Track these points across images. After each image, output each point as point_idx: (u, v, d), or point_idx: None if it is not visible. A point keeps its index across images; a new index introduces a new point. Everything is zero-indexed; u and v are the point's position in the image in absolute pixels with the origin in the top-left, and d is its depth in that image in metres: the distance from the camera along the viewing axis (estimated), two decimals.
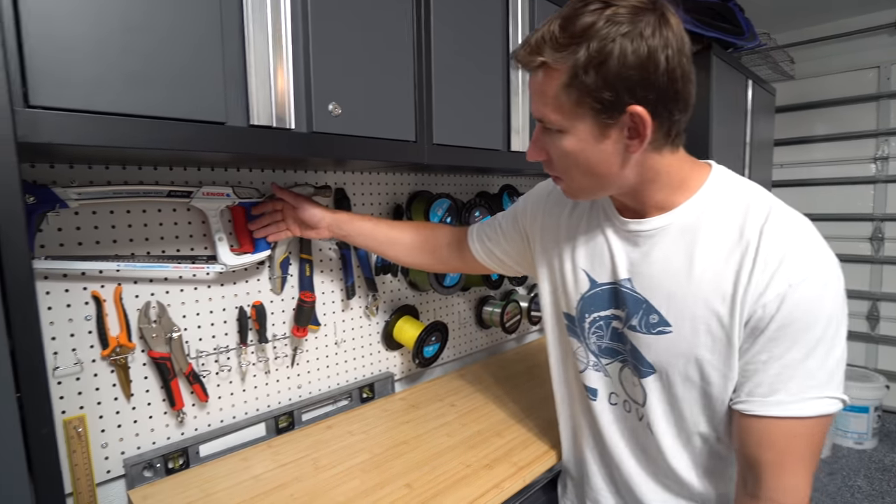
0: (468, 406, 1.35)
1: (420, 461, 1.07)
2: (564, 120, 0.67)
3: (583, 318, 0.86)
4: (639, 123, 0.63)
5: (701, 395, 0.75)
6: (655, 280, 0.75)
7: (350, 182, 1.38)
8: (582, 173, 0.71)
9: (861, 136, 3.28)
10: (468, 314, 1.76)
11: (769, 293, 0.65)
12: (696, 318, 0.71)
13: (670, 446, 0.80)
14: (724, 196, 0.72)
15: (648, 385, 0.79)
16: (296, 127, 0.88)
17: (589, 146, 0.67)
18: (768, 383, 0.67)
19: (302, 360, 1.31)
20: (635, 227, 0.77)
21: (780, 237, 0.66)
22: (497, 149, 1.28)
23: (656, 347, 0.75)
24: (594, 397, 0.89)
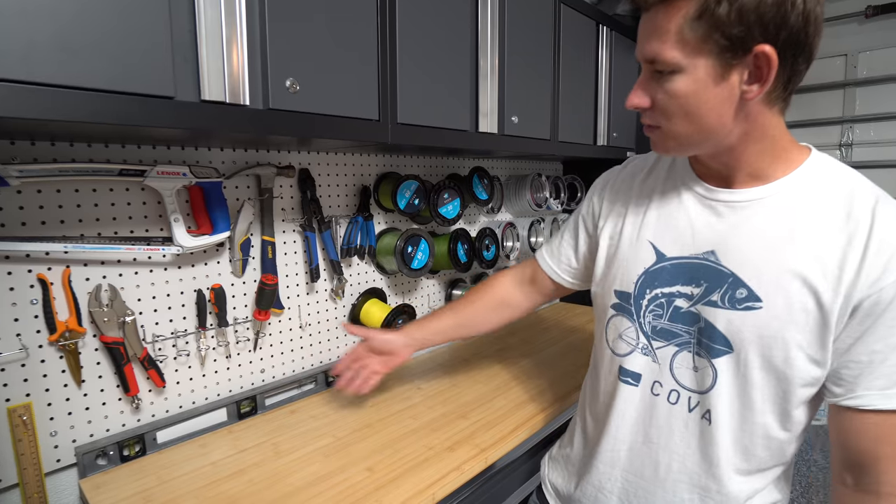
0: (435, 388, 1.35)
1: (383, 444, 1.06)
2: (684, 57, 0.61)
3: (642, 294, 0.78)
4: (763, 66, 0.59)
5: (778, 382, 0.68)
6: (746, 253, 0.68)
7: (315, 163, 1.35)
8: (687, 120, 0.65)
9: (827, 122, 3.35)
10: (438, 296, 1.75)
11: (886, 278, 0.60)
12: (792, 295, 0.65)
13: (726, 441, 0.72)
14: (827, 175, 0.67)
15: (720, 366, 0.71)
16: (251, 103, 0.85)
17: (705, 88, 0.62)
18: (887, 374, 0.62)
19: (265, 344, 1.29)
20: (727, 196, 0.71)
21: (894, 220, 0.62)
22: (465, 129, 1.26)
23: (740, 324, 0.68)
24: (636, 383, 0.80)
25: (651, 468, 0.79)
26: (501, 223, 1.84)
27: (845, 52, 3.32)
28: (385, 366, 1.13)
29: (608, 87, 1.84)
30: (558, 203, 2.09)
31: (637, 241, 0.79)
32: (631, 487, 0.82)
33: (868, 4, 3.08)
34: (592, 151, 1.82)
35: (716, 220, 0.72)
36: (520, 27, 1.38)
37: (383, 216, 1.53)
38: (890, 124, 3.18)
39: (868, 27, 3.18)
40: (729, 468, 0.73)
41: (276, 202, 1.27)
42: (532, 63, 1.46)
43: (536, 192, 1.96)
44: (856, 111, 3.32)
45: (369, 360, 1.13)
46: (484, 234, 1.69)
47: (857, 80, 3.29)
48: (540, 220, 1.99)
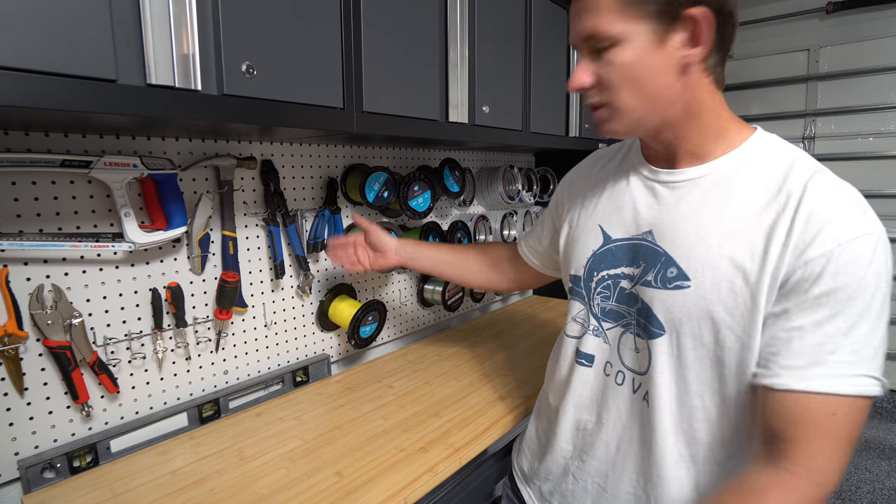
0: (407, 386, 1.31)
1: (353, 447, 1.02)
2: (622, 25, 0.62)
3: (590, 277, 0.79)
4: (702, 26, 0.60)
5: (713, 363, 0.67)
6: (679, 232, 0.68)
7: (278, 153, 1.29)
8: (633, 90, 0.64)
9: (791, 116, 3.42)
10: (410, 292, 1.71)
11: (813, 250, 0.58)
12: (719, 272, 0.64)
13: (664, 423, 0.71)
14: (767, 153, 0.67)
15: (656, 348, 0.70)
16: (203, 88, 0.79)
17: (647, 55, 0.62)
18: (808, 354, 0.58)
19: (228, 344, 1.23)
20: (667, 177, 0.72)
21: (827, 192, 0.60)
22: (434, 119, 1.22)
23: (671, 303, 0.68)
24: (590, 364, 0.81)
25: (603, 448, 0.80)
26: (474, 216, 1.81)
27: (807, 47, 3.39)
28: (372, 261, 1.16)
29: None
30: (531, 195, 2.07)
31: (588, 226, 0.81)
32: (587, 467, 0.83)
33: (828, 0, 3.14)
34: (564, 143, 1.80)
35: (654, 200, 0.73)
36: (490, 15, 1.35)
37: (352, 209, 1.48)
38: (849, 118, 3.27)
39: (829, 22, 3.25)
40: (670, 453, 0.72)
41: (238, 195, 1.21)
42: (503, 52, 1.43)
43: (509, 185, 1.94)
44: (818, 105, 3.40)
45: (360, 249, 1.17)
46: (456, 227, 1.66)
47: (818, 75, 3.36)
48: (513, 213, 1.96)
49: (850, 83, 3.25)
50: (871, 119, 3.20)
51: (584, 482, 0.83)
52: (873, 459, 2.54)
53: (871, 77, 3.17)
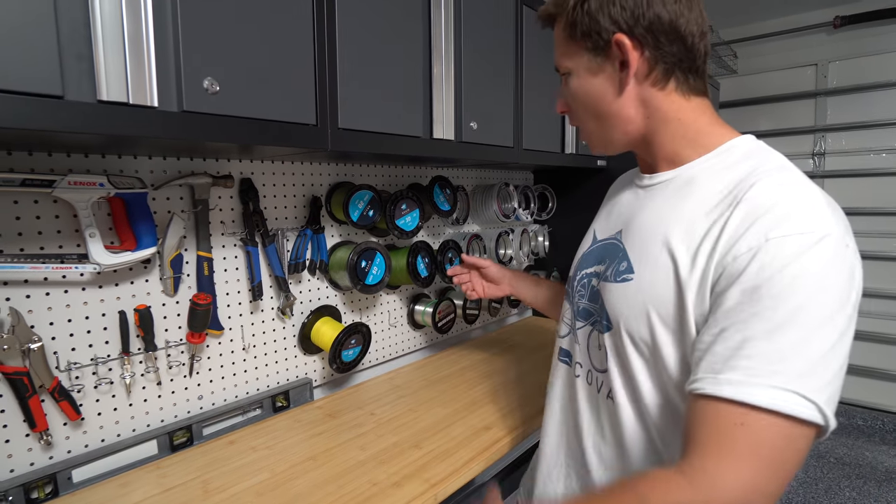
0: (390, 414, 1.26)
1: (324, 480, 0.97)
2: (568, 60, 0.72)
3: (574, 277, 0.83)
4: (625, 53, 0.66)
5: (651, 361, 0.66)
6: (639, 229, 0.71)
7: (259, 171, 1.25)
8: (588, 115, 0.74)
9: (800, 132, 3.35)
10: (399, 313, 1.66)
11: (741, 245, 0.55)
12: (658, 267, 0.64)
13: (629, 420, 0.70)
14: (740, 156, 0.66)
15: (606, 342, 0.72)
16: (161, 105, 0.76)
17: (588, 81, 0.70)
18: (724, 358, 0.54)
19: (203, 368, 1.18)
20: (646, 181, 0.75)
21: (774, 189, 0.58)
22: (417, 136, 1.18)
23: (617, 296, 0.69)
24: (569, 362, 0.83)
25: (580, 453, 0.78)
26: (467, 235, 1.76)
27: (815, 62, 3.34)
28: (485, 290, 1.27)
29: None
30: (528, 213, 2.02)
31: (588, 232, 0.87)
32: (570, 470, 0.82)
33: (836, 15, 3.09)
34: (560, 160, 1.76)
35: (633, 201, 0.77)
36: (477, 28, 1.31)
37: (337, 229, 1.44)
38: (860, 133, 3.19)
39: (837, 37, 3.19)
40: (642, 453, 0.69)
41: (215, 214, 1.17)
42: (492, 66, 1.40)
43: (504, 203, 1.89)
44: (827, 120, 3.33)
45: (475, 278, 1.28)
46: (447, 246, 1.61)
47: (827, 90, 3.30)
48: (508, 232, 1.91)
49: (860, 98, 3.18)
50: (881, 135, 3.12)
51: (571, 486, 0.81)
52: (895, 491, 2.42)
53: (881, 92, 3.10)
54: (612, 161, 2.02)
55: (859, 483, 2.49)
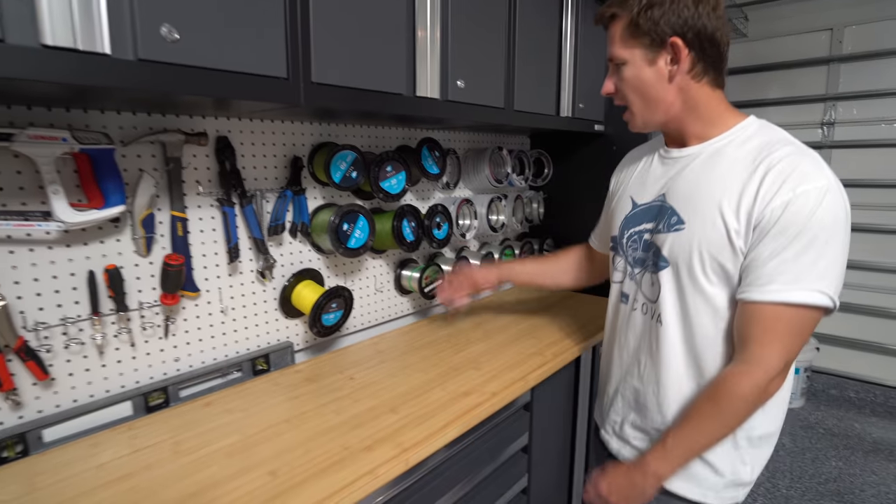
0: (369, 378, 1.24)
1: (295, 443, 0.96)
2: (626, 52, 0.88)
3: (622, 234, 1.03)
4: (678, 52, 0.84)
5: (702, 288, 0.86)
6: (681, 190, 0.90)
7: (236, 129, 1.21)
8: (638, 97, 0.91)
9: (810, 100, 3.24)
10: (386, 278, 1.63)
11: (776, 200, 0.77)
12: (706, 216, 0.85)
13: (674, 338, 0.91)
14: (753, 132, 0.88)
15: (663, 278, 0.91)
16: (114, 52, 0.71)
17: (642, 71, 0.88)
18: (767, 275, 0.79)
19: (180, 330, 1.17)
20: (676, 153, 0.95)
21: (789, 157, 0.80)
22: (399, 93, 1.13)
23: (671, 242, 0.89)
24: (626, 302, 1.03)
25: (636, 367, 1.00)
26: (457, 200, 1.72)
27: (830, 27, 3.20)
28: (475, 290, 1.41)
29: (573, 53, 1.71)
30: (522, 179, 1.97)
31: (622, 198, 1.05)
32: (627, 387, 1.02)
33: None
34: (555, 123, 1.70)
35: (668, 171, 0.96)
36: None
37: (320, 191, 1.40)
38: (872, 102, 3.09)
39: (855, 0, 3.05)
40: (678, 363, 0.92)
41: (189, 173, 1.14)
42: (482, 20, 1.33)
43: (496, 167, 1.84)
44: (839, 88, 3.22)
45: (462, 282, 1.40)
46: (435, 210, 1.57)
47: (841, 56, 3.17)
48: (501, 198, 1.87)
49: (875, 65, 3.06)
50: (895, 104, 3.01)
51: (627, 398, 1.03)
52: (881, 462, 2.43)
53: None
54: (609, 126, 1.96)
55: (847, 453, 2.51)
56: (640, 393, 0.98)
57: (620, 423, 1.05)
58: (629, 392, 1.02)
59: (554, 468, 1.54)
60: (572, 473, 1.63)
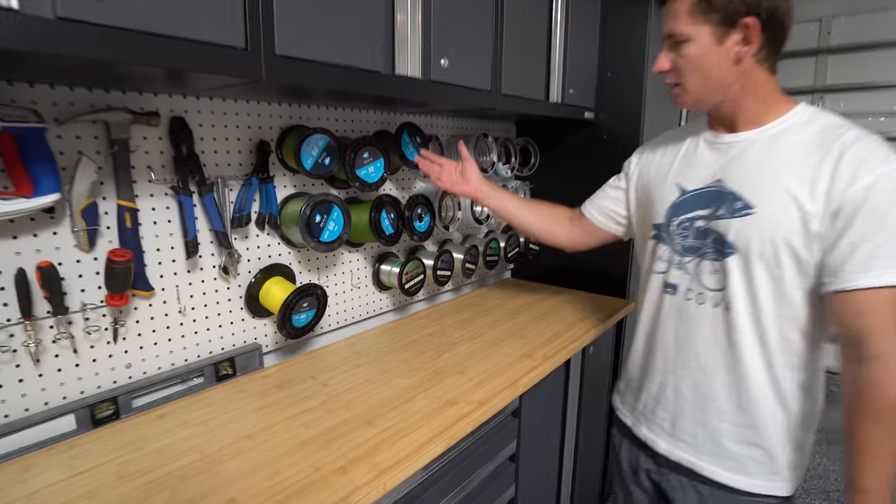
0: (344, 385, 1.14)
1: (259, 463, 0.85)
2: (692, 28, 0.83)
3: (670, 222, 0.98)
4: (751, 31, 0.80)
5: (773, 274, 0.84)
6: (742, 176, 0.87)
7: (193, 109, 1.08)
8: (698, 76, 0.86)
9: (797, 91, 3.20)
10: (364, 273, 1.52)
11: (858, 184, 0.75)
12: (775, 200, 0.82)
13: (744, 325, 0.87)
14: (809, 118, 0.85)
15: (730, 265, 0.87)
16: (25, 8, 0.59)
17: (709, 49, 0.83)
18: (863, 261, 0.75)
19: (131, 333, 1.04)
20: (730, 139, 0.91)
21: (863, 142, 0.78)
22: (376, 70, 1.01)
23: (739, 228, 0.85)
24: (674, 292, 0.97)
25: (693, 359, 0.95)
26: (440, 189, 1.61)
27: (819, 17, 3.16)
28: (453, 184, 1.29)
29: (563, 35, 1.60)
30: (508, 168, 1.87)
31: (665, 185, 1.00)
32: (681, 380, 0.97)
33: None
34: (544, 109, 1.60)
35: (722, 156, 0.91)
36: None
37: (290, 179, 1.28)
38: (860, 95, 3.05)
39: None
40: (750, 351, 0.88)
41: (139, 158, 1.01)
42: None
43: (482, 155, 1.74)
44: (827, 80, 3.18)
45: (448, 168, 1.31)
46: (416, 201, 1.46)
47: (829, 48, 3.13)
48: None
49: (863, 57, 3.02)
50: (883, 97, 2.98)
51: (682, 392, 0.97)
52: None
53: (886, 51, 2.95)
54: (600, 113, 1.86)
55: (833, 449, 2.48)
56: (703, 384, 0.94)
57: (672, 420, 0.99)
58: (685, 385, 0.96)
59: (542, 478, 1.46)
60: (560, 482, 1.55)
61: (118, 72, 0.82)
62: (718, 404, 0.92)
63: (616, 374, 1.87)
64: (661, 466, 1.02)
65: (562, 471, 1.56)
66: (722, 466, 0.92)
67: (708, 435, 0.94)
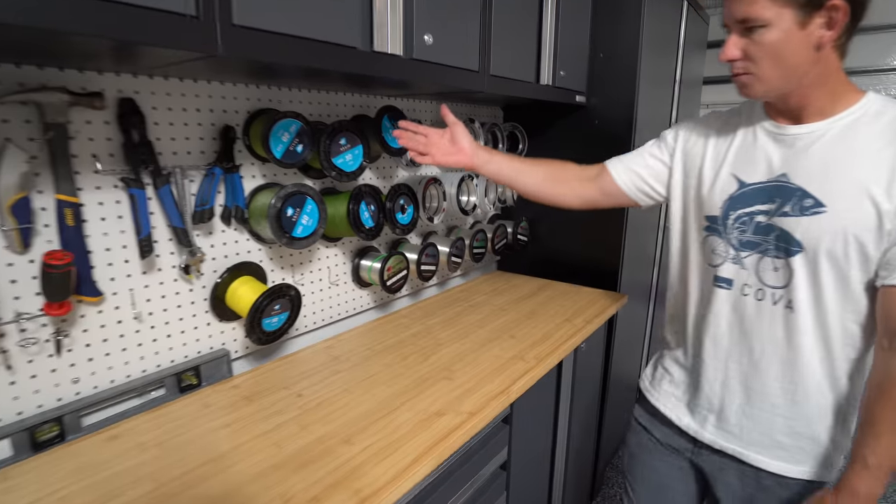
0: (321, 395, 1.04)
1: (222, 494, 0.75)
2: (772, 11, 0.75)
3: (727, 216, 0.93)
4: (838, 14, 0.73)
5: (840, 273, 0.81)
6: (811, 171, 0.82)
7: (146, 90, 0.96)
8: (775, 64, 0.79)
9: None
10: (342, 269, 1.42)
11: None
12: (850, 198, 0.78)
13: (807, 324, 0.85)
14: (881, 107, 0.81)
15: (796, 263, 0.84)
16: None
17: (790, 35, 0.76)
18: None
19: (78, 344, 0.93)
20: (795, 130, 0.85)
21: None
22: (351, 46, 0.90)
23: (807, 226, 0.82)
24: (729, 287, 0.94)
25: (747, 354, 0.93)
26: (424, 179, 1.51)
27: None
28: (443, 155, 1.13)
29: (556, 14, 1.50)
30: None
31: (720, 175, 0.94)
32: (730, 373, 0.95)
33: None
34: (534, 91, 1.49)
35: (786, 149, 0.86)
36: None
37: (259, 168, 1.16)
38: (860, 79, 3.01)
39: None
40: (811, 348, 0.86)
41: (83, 145, 0.89)
42: None
43: None
44: None
45: (435, 138, 1.13)
46: (398, 191, 1.36)
47: None
48: (472, 176, 1.67)
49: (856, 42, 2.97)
50: (868, 82, 2.94)
51: (731, 385, 0.95)
52: None
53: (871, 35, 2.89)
54: (592, 97, 1.77)
55: None
56: (755, 378, 0.92)
57: (719, 411, 0.97)
58: (735, 378, 0.95)
59: (534, 484, 1.38)
60: (552, 486, 1.48)
61: (51, 45, 0.70)
62: (771, 399, 0.91)
63: (607, 371, 1.80)
64: (702, 450, 1.01)
65: (553, 474, 1.49)
66: (770, 455, 0.92)
67: (756, 427, 0.93)
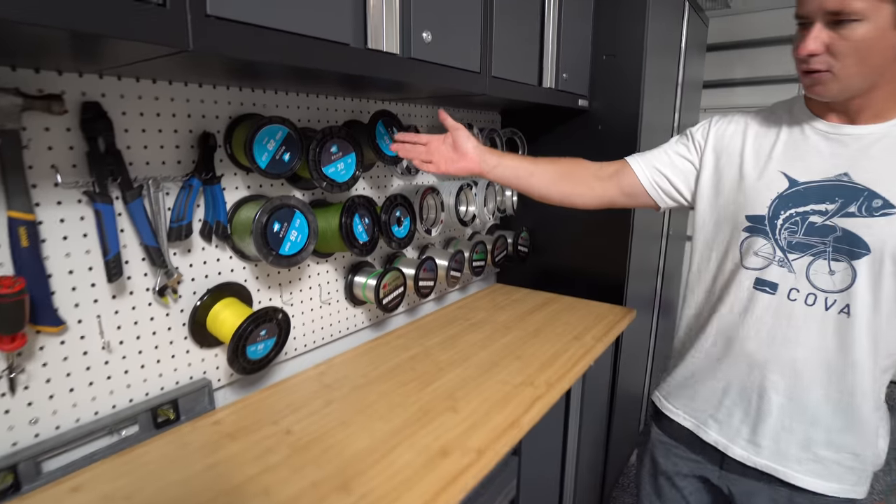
0: (313, 431, 0.94)
1: None
2: (868, 4, 0.70)
3: (776, 216, 0.88)
4: None
5: None
6: (878, 171, 0.79)
7: (114, 93, 0.86)
8: (858, 63, 0.74)
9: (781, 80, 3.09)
10: (334, 287, 1.31)
11: None
12: None
13: (862, 330, 0.82)
14: None
15: (860, 266, 0.81)
16: None
17: (884, 33, 0.71)
18: None
19: (37, 380, 0.82)
20: (852, 131, 0.82)
21: None
22: (343, 42, 0.81)
23: (877, 228, 0.79)
24: (773, 291, 0.89)
25: (789, 364, 0.87)
26: (421, 188, 1.42)
27: None
28: (448, 163, 1.07)
29: (558, 15, 1.42)
30: None
31: (765, 173, 0.89)
32: (767, 383, 0.89)
33: None
34: (537, 95, 1.41)
35: (843, 148, 0.83)
36: None
37: (242, 178, 1.06)
38: None
39: None
40: (864, 356, 0.82)
41: (40, 155, 0.79)
42: None
43: None
44: None
45: (437, 145, 1.08)
46: (394, 202, 1.26)
47: None
48: (471, 185, 1.58)
49: None
50: None
51: (768, 396, 0.90)
52: None
53: None
54: (594, 102, 1.69)
55: None
56: (796, 388, 0.88)
57: (754, 424, 0.92)
58: (773, 389, 0.89)
59: None
60: None
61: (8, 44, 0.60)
62: (813, 410, 0.87)
63: (614, 391, 1.71)
64: (730, 472, 0.96)
65: (562, 500, 1.39)
66: (805, 471, 0.88)
67: (794, 440, 0.88)
